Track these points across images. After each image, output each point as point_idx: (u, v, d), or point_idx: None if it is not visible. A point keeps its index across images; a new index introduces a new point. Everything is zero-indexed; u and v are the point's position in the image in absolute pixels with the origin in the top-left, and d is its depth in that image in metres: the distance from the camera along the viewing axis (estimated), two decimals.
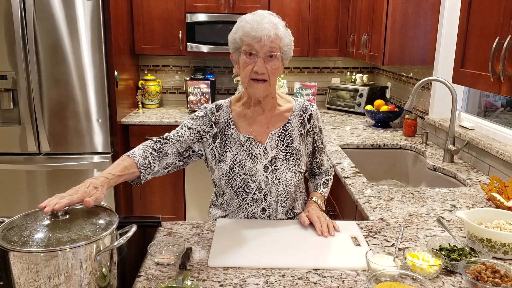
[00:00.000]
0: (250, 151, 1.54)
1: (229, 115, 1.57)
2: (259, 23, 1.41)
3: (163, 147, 1.50)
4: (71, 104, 3.04)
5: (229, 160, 1.54)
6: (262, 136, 1.56)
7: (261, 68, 1.43)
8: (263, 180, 1.54)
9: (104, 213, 1.14)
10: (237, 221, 1.56)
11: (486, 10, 1.52)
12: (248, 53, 1.44)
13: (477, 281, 1.10)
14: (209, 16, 3.52)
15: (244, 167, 1.53)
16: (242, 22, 1.45)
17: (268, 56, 1.44)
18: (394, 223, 1.55)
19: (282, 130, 1.57)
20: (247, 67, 1.45)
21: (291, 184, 1.56)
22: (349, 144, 2.73)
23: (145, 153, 1.45)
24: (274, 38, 1.41)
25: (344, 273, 1.22)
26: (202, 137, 1.56)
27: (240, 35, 1.44)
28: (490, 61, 1.41)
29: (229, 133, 1.56)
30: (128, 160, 1.41)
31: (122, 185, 3.25)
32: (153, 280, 1.18)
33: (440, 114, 2.77)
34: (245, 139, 1.55)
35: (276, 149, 1.56)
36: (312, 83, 3.80)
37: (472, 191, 1.90)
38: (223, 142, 1.56)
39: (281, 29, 1.45)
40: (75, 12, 2.92)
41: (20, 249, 0.97)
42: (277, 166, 1.55)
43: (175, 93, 4.05)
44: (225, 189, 1.57)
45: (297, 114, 1.60)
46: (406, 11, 2.74)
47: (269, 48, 1.42)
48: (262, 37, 1.40)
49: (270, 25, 1.41)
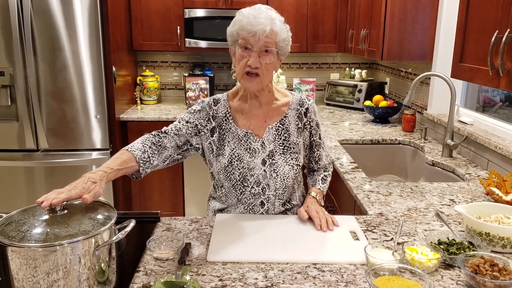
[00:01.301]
0: (248, 145, 1.55)
1: (227, 109, 1.57)
2: (255, 17, 1.41)
3: (162, 140, 1.50)
4: (69, 100, 3.03)
5: (228, 154, 1.54)
6: (259, 130, 1.57)
7: (254, 62, 1.43)
8: (261, 174, 1.54)
9: (102, 208, 1.14)
10: (236, 216, 1.56)
11: (484, 4, 1.52)
12: (243, 46, 1.44)
13: (476, 274, 1.10)
14: (207, 11, 3.51)
15: (242, 161, 1.54)
16: (240, 16, 1.45)
17: (263, 51, 1.44)
18: (393, 218, 1.55)
19: (280, 124, 1.57)
20: (241, 61, 1.46)
21: (289, 177, 1.57)
22: (348, 139, 2.73)
23: (144, 147, 1.45)
24: (269, 33, 1.42)
25: (343, 267, 1.22)
26: (199, 131, 1.56)
27: (237, 29, 1.45)
28: (489, 55, 1.40)
29: (227, 127, 1.56)
30: (127, 154, 1.40)
31: (120, 181, 3.25)
32: (152, 275, 1.18)
33: (439, 109, 2.77)
34: (243, 133, 1.55)
35: (274, 143, 1.56)
36: (311, 79, 3.79)
37: (471, 186, 1.90)
38: (221, 136, 1.56)
39: (278, 24, 1.45)
40: (72, 7, 2.90)
41: (18, 244, 0.96)
42: (275, 160, 1.55)
43: (174, 89, 4.04)
44: (223, 182, 1.57)
45: (294, 108, 1.60)
46: (404, 6, 2.73)
47: (264, 43, 1.42)
48: (258, 31, 1.40)
49: (266, 20, 1.41)
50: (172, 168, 3.41)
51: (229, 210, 1.62)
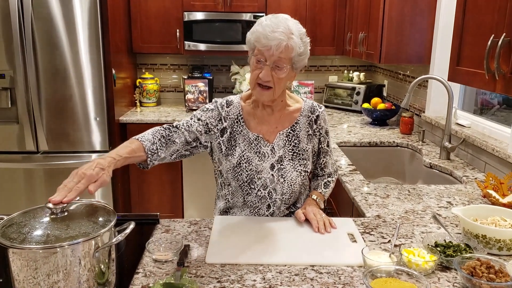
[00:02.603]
0: (258, 149, 1.56)
1: (239, 112, 1.58)
2: (273, 31, 1.38)
3: (172, 135, 1.48)
4: (69, 102, 3.05)
5: (237, 155, 1.55)
6: (270, 135, 1.58)
7: (266, 76, 1.42)
8: (268, 178, 1.56)
9: (102, 211, 1.15)
10: (234, 218, 1.57)
11: (481, 8, 1.53)
12: (257, 59, 1.44)
13: (472, 276, 1.11)
14: (206, 14, 3.52)
15: (251, 163, 1.55)
16: (258, 26, 1.43)
17: (275, 66, 1.43)
18: (390, 220, 1.57)
19: (290, 130, 1.58)
20: (254, 72, 1.46)
21: (296, 183, 1.58)
22: (346, 142, 2.74)
23: (154, 138, 1.44)
24: (283, 49, 1.39)
25: (341, 269, 1.23)
26: (209, 129, 1.56)
27: (254, 39, 1.43)
28: (485, 58, 1.42)
29: (239, 129, 1.57)
30: (137, 143, 1.39)
31: (120, 184, 3.26)
32: (151, 276, 1.19)
33: (437, 112, 2.79)
34: (254, 137, 1.56)
35: (284, 148, 1.57)
36: (309, 81, 3.80)
37: (468, 188, 1.92)
38: (232, 137, 1.57)
39: (295, 39, 1.41)
40: (72, 11, 2.91)
41: (19, 246, 0.97)
42: (283, 165, 1.56)
43: (173, 91, 4.05)
44: (231, 181, 1.58)
45: (305, 115, 1.61)
46: (402, 9, 2.75)
47: (277, 58, 1.41)
48: (272, 46, 1.38)
49: (282, 36, 1.38)
50: (171, 170, 3.42)
51: (235, 212, 1.63)
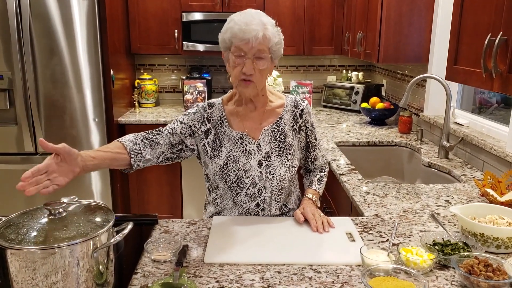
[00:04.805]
0: (244, 148, 1.56)
1: (221, 113, 1.59)
2: (247, 24, 1.42)
3: (155, 137, 1.52)
4: (68, 103, 3.04)
5: (223, 156, 1.55)
6: (255, 132, 1.58)
7: (249, 69, 1.44)
8: (257, 175, 1.56)
9: (100, 211, 1.15)
10: (233, 218, 1.57)
11: (478, 8, 1.54)
12: (237, 54, 1.45)
13: (470, 274, 1.12)
14: (204, 15, 3.52)
15: (238, 163, 1.55)
16: (231, 23, 1.46)
17: (257, 57, 1.45)
18: (388, 219, 1.57)
19: (275, 126, 1.59)
20: (236, 68, 1.47)
21: (285, 179, 1.58)
22: (344, 141, 2.74)
23: (136, 139, 1.48)
24: (262, 40, 1.42)
25: (339, 268, 1.23)
26: (193, 132, 1.57)
27: (229, 36, 1.46)
28: (482, 57, 1.42)
29: (222, 130, 1.57)
30: (116, 143, 1.44)
31: (119, 184, 3.26)
32: (150, 277, 1.19)
33: (435, 111, 2.79)
34: (239, 135, 1.56)
35: (270, 144, 1.57)
36: (308, 81, 3.81)
37: (466, 187, 1.92)
38: (216, 138, 1.57)
39: (270, 29, 1.45)
40: (70, 11, 2.91)
41: (17, 247, 0.97)
42: (271, 161, 1.57)
43: (172, 92, 4.05)
44: (219, 183, 1.58)
45: (289, 110, 1.62)
46: (400, 9, 2.75)
47: (257, 50, 1.43)
48: (250, 39, 1.41)
49: (258, 26, 1.42)
50: (170, 170, 3.42)
51: (225, 214, 1.62)
